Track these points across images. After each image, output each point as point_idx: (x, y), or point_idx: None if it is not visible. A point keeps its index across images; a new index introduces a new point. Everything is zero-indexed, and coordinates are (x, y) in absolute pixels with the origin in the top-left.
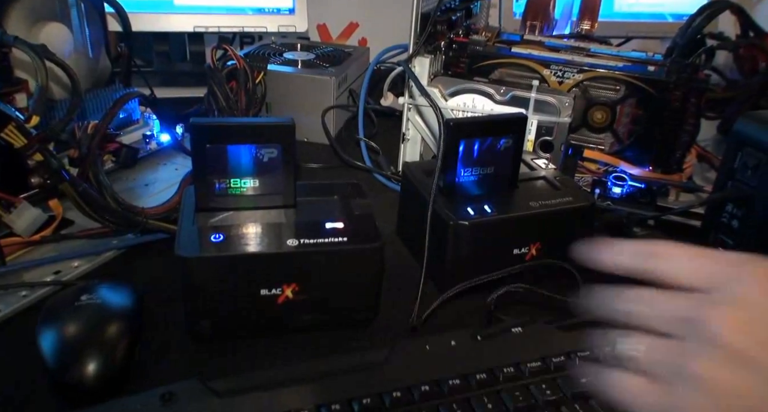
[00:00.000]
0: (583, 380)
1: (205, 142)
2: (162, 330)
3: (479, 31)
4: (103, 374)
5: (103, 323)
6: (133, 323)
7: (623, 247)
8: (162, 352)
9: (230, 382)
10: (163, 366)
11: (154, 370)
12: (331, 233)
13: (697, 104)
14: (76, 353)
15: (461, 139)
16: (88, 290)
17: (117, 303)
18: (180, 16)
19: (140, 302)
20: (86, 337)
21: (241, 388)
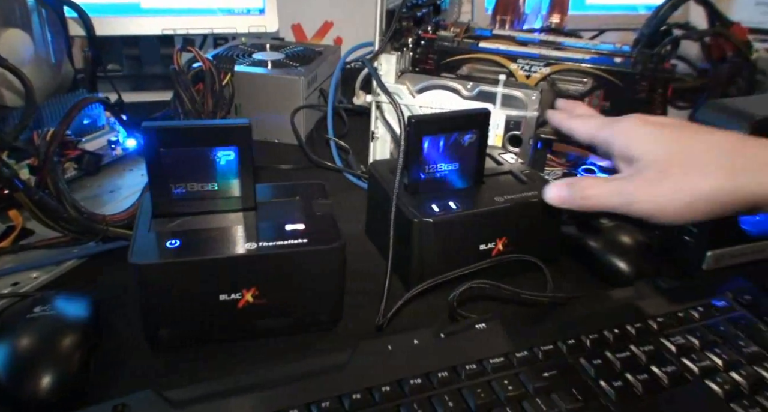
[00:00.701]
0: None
1: (158, 146)
2: (122, 340)
3: (448, 27)
4: (57, 387)
5: (56, 334)
6: (89, 334)
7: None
8: (121, 362)
9: (186, 391)
10: (122, 377)
11: (113, 381)
12: (291, 234)
13: (663, 94)
14: (28, 366)
15: (424, 135)
16: (42, 302)
17: (72, 314)
18: (147, 18)
19: (97, 312)
20: (39, 350)
21: (197, 397)
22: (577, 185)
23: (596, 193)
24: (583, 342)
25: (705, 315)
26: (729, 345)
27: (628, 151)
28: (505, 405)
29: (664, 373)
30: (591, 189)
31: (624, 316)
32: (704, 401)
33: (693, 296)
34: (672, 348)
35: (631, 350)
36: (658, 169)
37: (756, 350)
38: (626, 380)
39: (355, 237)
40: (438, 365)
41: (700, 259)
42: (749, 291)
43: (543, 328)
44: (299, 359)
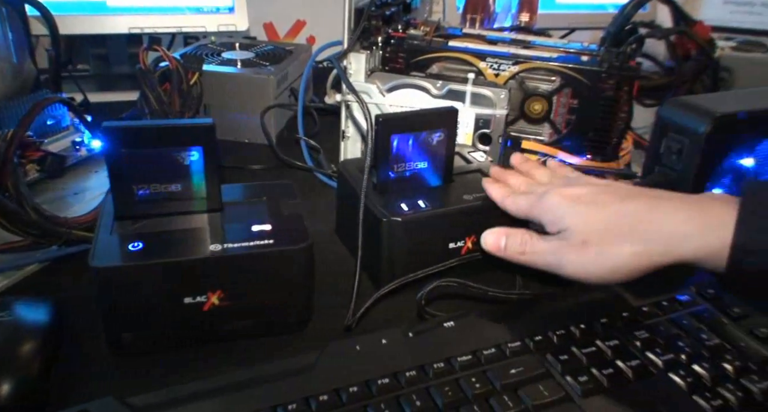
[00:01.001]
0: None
1: (119, 146)
2: (84, 345)
3: (418, 25)
4: (17, 394)
5: (15, 341)
6: (50, 340)
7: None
8: (83, 368)
9: (149, 397)
10: (84, 383)
11: (74, 388)
12: (258, 235)
13: (629, 92)
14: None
15: (392, 134)
16: (1, 307)
17: (32, 319)
18: (114, 17)
19: (58, 317)
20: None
21: (159, 403)
22: (514, 239)
23: (532, 251)
24: (549, 338)
25: (669, 309)
26: (692, 338)
27: (556, 226)
28: (473, 403)
29: (628, 367)
30: (527, 246)
31: (590, 312)
32: (668, 394)
33: (658, 290)
34: (637, 342)
35: (596, 345)
36: (582, 240)
37: (718, 343)
38: (592, 375)
39: (325, 237)
40: (406, 365)
41: None
42: (712, 285)
43: (510, 325)
44: (266, 362)
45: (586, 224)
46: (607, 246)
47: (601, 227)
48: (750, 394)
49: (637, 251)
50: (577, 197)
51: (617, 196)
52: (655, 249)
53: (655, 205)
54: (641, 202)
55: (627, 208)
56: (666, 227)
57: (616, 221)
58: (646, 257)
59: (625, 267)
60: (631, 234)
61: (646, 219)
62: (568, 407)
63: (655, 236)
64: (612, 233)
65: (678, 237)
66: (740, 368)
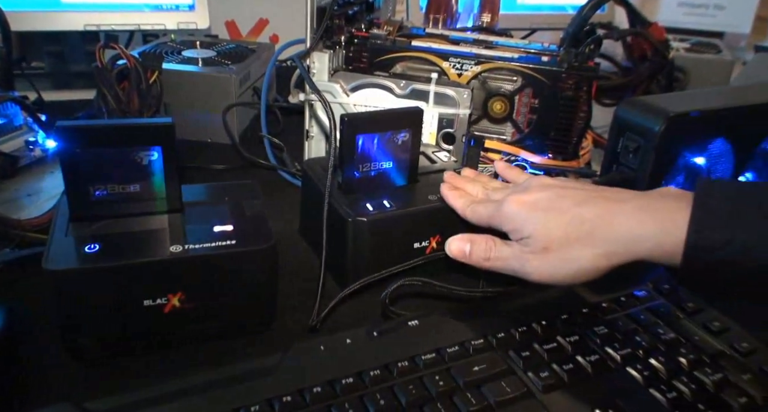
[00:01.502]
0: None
1: (73, 146)
2: (41, 350)
3: (381, 25)
4: None
5: None
6: (3, 345)
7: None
8: (40, 374)
9: (106, 402)
10: (41, 389)
11: (31, 393)
12: (220, 236)
13: (588, 92)
14: None
15: (357, 134)
16: None
17: None
18: (69, 13)
19: (12, 322)
20: None
21: (117, 407)
22: (478, 246)
23: (496, 257)
24: (512, 335)
25: (627, 305)
26: (649, 333)
27: (518, 234)
28: (436, 401)
29: (588, 362)
30: (491, 252)
31: (552, 308)
32: (625, 388)
33: (617, 286)
34: (596, 338)
35: (557, 341)
36: (543, 246)
37: (673, 337)
38: (553, 371)
39: (289, 236)
40: (370, 364)
41: None
42: (668, 280)
43: (474, 323)
44: (228, 364)
45: (547, 231)
46: (568, 251)
47: (560, 233)
48: (703, 386)
49: (597, 253)
50: (534, 204)
51: (574, 200)
52: (614, 251)
53: (611, 208)
54: (598, 206)
55: (584, 213)
56: (623, 230)
57: (574, 226)
58: (605, 258)
59: (587, 269)
60: (590, 238)
61: (603, 223)
62: (530, 403)
63: (613, 239)
64: (572, 239)
65: (635, 239)
66: (694, 361)
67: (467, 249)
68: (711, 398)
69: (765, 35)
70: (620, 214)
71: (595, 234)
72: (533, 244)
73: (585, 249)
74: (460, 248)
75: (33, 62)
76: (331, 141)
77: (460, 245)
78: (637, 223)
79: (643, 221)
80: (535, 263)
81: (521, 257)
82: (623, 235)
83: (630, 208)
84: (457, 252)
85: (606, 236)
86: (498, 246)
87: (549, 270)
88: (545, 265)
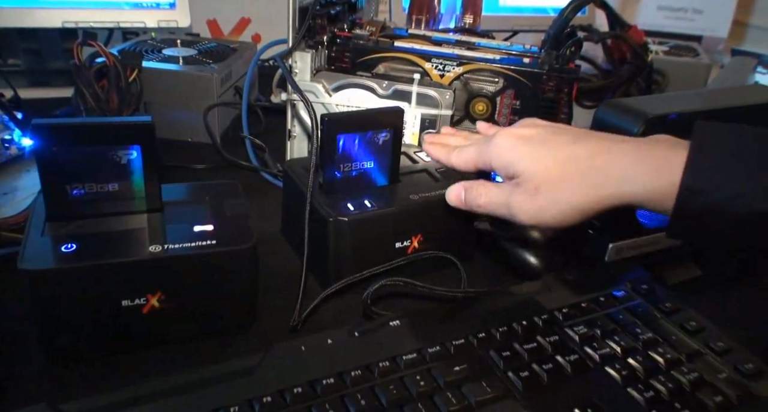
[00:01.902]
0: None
1: (50, 144)
2: (17, 351)
3: (364, 25)
4: None
5: None
6: None
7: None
8: (16, 375)
9: (83, 403)
10: (17, 390)
11: (8, 395)
12: (200, 236)
13: (569, 93)
14: None
15: (338, 134)
16: None
17: None
18: (46, 10)
19: None
20: None
21: (95, 409)
22: (472, 191)
23: (486, 201)
24: (493, 335)
25: (606, 305)
26: (627, 333)
27: (507, 171)
28: (416, 400)
29: (567, 362)
30: (483, 197)
31: (532, 308)
32: (604, 388)
33: (596, 286)
34: (575, 337)
35: (537, 340)
36: (534, 185)
37: (651, 337)
38: (532, 370)
39: (271, 237)
40: (352, 364)
41: (603, 251)
42: (646, 280)
43: (455, 323)
44: (208, 364)
45: (538, 170)
46: (559, 193)
47: (554, 171)
48: (680, 385)
49: (588, 195)
50: (529, 138)
51: (568, 137)
52: (605, 193)
53: (605, 147)
54: (591, 144)
55: (578, 151)
56: (615, 171)
57: (568, 165)
58: (596, 201)
59: (576, 212)
60: (583, 179)
61: (596, 163)
62: (510, 403)
63: (605, 180)
64: (564, 180)
65: (627, 180)
66: (671, 360)
67: (462, 195)
68: (687, 397)
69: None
70: (615, 153)
71: (587, 175)
72: (524, 183)
73: (576, 192)
74: (457, 194)
75: (9, 59)
76: (313, 141)
77: (457, 190)
78: (632, 163)
79: (639, 161)
80: (525, 205)
81: (511, 198)
82: (617, 175)
83: (624, 148)
84: (455, 199)
85: (599, 175)
86: (489, 188)
87: (536, 211)
88: (533, 205)
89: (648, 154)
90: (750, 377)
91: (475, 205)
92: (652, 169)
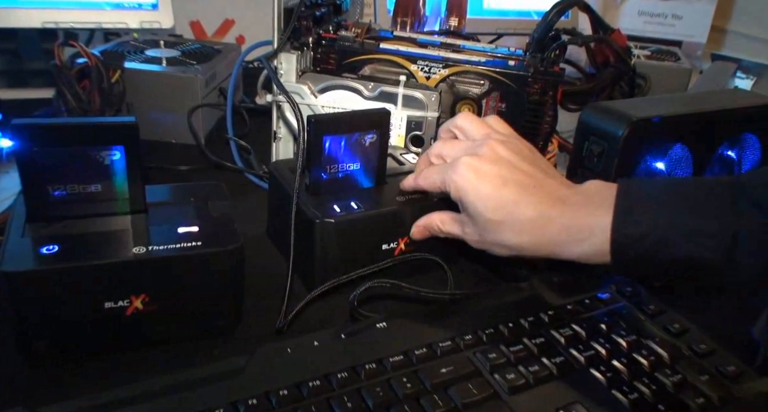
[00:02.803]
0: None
1: (32, 145)
2: None
3: (349, 27)
4: None
5: None
6: None
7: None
8: None
9: (63, 407)
10: None
11: None
12: (184, 237)
13: (554, 96)
14: None
15: (324, 135)
16: None
17: None
18: (26, 10)
19: None
20: None
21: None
22: (432, 224)
23: (448, 230)
24: (479, 337)
25: (591, 307)
26: (612, 335)
27: (463, 206)
28: (403, 403)
29: (553, 364)
30: (444, 226)
31: (518, 310)
32: (589, 390)
33: (581, 289)
34: (561, 340)
35: (524, 343)
36: (482, 225)
37: (635, 339)
38: (518, 372)
39: (256, 239)
40: (338, 366)
41: None
42: (630, 283)
43: (442, 325)
44: (192, 366)
45: (489, 213)
46: (504, 235)
47: (501, 217)
48: (663, 387)
49: (528, 243)
50: (488, 176)
51: (517, 188)
52: (543, 251)
53: (546, 214)
54: (536, 206)
55: (523, 211)
56: (552, 235)
57: (511, 216)
58: (535, 249)
59: (519, 253)
60: (523, 235)
61: (536, 227)
62: (496, 405)
63: (542, 241)
64: (505, 228)
65: (564, 246)
66: (655, 362)
67: (426, 232)
68: (671, 399)
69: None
70: (554, 222)
71: (524, 231)
72: (474, 219)
73: (517, 239)
74: (420, 232)
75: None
76: (299, 143)
77: (419, 229)
78: (566, 232)
79: (572, 230)
80: (475, 236)
81: (464, 230)
82: (556, 240)
83: (565, 215)
84: (418, 235)
85: (539, 234)
86: (444, 219)
87: (487, 245)
88: (483, 240)
89: (579, 219)
90: (732, 379)
91: (441, 232)
92: (585, 237)
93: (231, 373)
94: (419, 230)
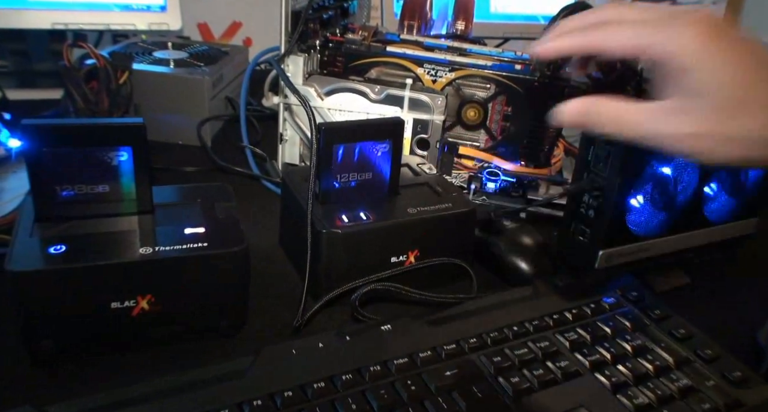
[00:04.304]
0: None
1: (40, 145)
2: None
3: (356, 30)
4: None
5: None
6: None
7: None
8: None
9: (70, 406)
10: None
11: None
12: (191, 238)
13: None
14: None
15: (335, 144)
16: None
17: None
18: (36, 11)
19: None
20: None
21: (81, 411)
22: (600, 108)
23: (635, 120)
24: (484, 340)
25: (596, 311)
26: (617, 339)
27: (688, 80)
28: (407, 405)
29: (557, 368)
30: (629, 115)
31: (523, 314)
32: (593, 394)
33: (586, 293)
34: (565, 344)
35: (528, 346)
36: (720, 106)
37: (640, 344)
38: (523, 376)
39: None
40: (342, 368)
41: (593, 258)
42: (635, 287)
43: (446, 328)
44: (197, 367)
45: (730, 86)
46: (747, 123)
47: (750, 95)
48: (669, 392)
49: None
50: (734, 44)
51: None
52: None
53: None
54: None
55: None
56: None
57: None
58: None
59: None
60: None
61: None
62: (500, 408)
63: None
64: (758, 110)
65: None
66: (660, 367)
67: (584, 115)
68: (676, 404)
69: None
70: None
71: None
72: (701, 103)
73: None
74: (578, 109)
75: None
76: (311, 148)
77: (578, 105)
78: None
79: None
80: (707, 125)
81: (673, 121)
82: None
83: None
84: (575, 112)
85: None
86: (629, 105)
87: (707, 143)
88: (721, 131)
89: None
90: (737, 385)
91: (602, 128)
92: None
93: (236, 374)
94: (571, 114)
